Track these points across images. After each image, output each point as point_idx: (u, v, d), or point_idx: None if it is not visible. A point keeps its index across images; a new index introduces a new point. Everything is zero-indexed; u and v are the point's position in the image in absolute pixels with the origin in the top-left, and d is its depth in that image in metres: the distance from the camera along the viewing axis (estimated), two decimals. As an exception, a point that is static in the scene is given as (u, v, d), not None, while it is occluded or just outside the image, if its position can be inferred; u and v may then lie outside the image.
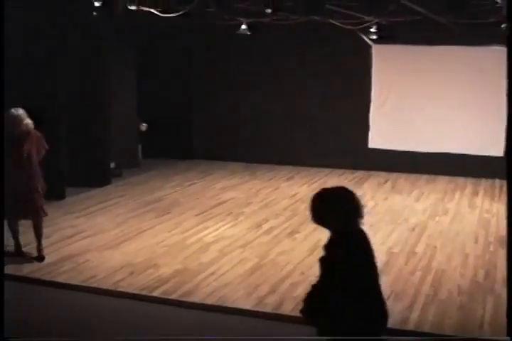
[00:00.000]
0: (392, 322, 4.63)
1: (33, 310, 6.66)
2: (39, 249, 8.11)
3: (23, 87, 10.72)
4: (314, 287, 4.14)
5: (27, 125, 7.76)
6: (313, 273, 7.63)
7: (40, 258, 8.01)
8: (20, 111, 7.76)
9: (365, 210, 4.13)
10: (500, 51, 11.30)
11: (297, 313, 6.68)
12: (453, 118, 13.35)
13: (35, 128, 7.91)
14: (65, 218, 9.97)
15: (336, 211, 4.07)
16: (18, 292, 7.09)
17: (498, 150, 12.75)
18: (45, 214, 8.23)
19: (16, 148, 7.71)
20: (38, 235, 8.14)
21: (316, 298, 4.13)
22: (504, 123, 11.71)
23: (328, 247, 4.06)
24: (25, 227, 8.24)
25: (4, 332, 4.20)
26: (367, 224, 4.21)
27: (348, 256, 4.01)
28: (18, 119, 7.69)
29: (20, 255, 8.16)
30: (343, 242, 4.04)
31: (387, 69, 13.78)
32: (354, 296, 4.02)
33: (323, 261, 4.04)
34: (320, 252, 4.07)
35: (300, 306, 4.22)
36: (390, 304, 6.82)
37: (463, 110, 13.30)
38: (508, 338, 3.36)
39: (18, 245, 8.26)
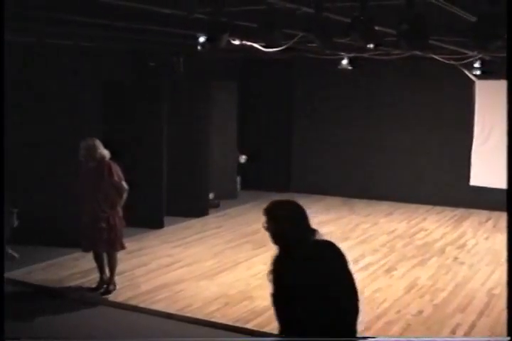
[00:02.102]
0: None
1: (128, 336, 6.77)
2: (109, 281, 7.95)
3: (125, 120, 11.04)
4: None
5: (100, 153, 7.84)
6: (410, 311, 7.50)
7: (106, 292, 7.82)
8: (95, 142, 7.82)
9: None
10: None
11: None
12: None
13: (113, 158, 7.89)
14: (162, 247, 10.12)
15: None
16: (115, 318, 7.23)
17: None
18: (121, 248, 7.99)
19: (86, 178, 7.77)
20: (110, 268, 7.96)
21: None
22: None
23: None
24: (121, 254, 8.38)
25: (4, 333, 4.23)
26: (466, 264, 4.10)
27: None
28: (91, 149, 7.70)
29: (96, 289, 7.92)
30: None
31: (490, 105, 13.47)
32: None
33: None
34: (417, 290, 3.99)
35: None
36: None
37: None
38: (508, 338, 3.22)
39: (100, 279, 8.02)
